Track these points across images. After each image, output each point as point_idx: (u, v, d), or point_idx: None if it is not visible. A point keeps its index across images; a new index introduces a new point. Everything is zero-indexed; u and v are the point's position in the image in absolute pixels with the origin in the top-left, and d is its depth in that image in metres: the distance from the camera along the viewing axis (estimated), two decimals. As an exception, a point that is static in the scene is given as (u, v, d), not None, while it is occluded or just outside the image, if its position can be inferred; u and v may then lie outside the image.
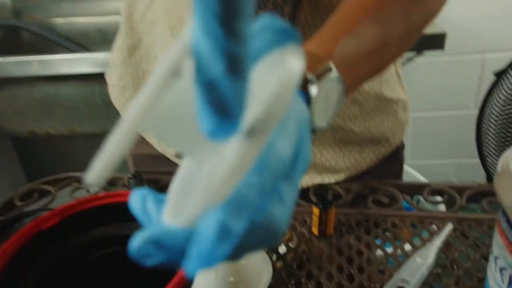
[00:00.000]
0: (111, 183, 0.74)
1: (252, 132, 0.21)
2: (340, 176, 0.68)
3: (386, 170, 0.71)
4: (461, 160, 1.91)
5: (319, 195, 0.68)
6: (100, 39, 1.56)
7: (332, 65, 0.37)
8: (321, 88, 0.35)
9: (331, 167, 0.67)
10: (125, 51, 0.68)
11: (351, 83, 0.41)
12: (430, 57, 1.62)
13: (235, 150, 0.21)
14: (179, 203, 0.24)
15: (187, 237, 0.21)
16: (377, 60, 0.46)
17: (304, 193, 0.68)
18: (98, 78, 1.28)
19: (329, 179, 0.67)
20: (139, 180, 0.68)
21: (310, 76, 0.35)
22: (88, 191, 0.72)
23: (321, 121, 0.36)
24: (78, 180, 0.75)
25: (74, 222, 0.43)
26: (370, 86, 0.64)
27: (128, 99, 0.70)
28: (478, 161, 1.65)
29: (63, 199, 0.70)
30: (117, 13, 1.48)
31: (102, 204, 0.44)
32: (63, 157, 1.55)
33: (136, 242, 0.22)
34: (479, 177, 1.85)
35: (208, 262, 0.20)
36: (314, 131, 0.35)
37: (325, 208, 0.59)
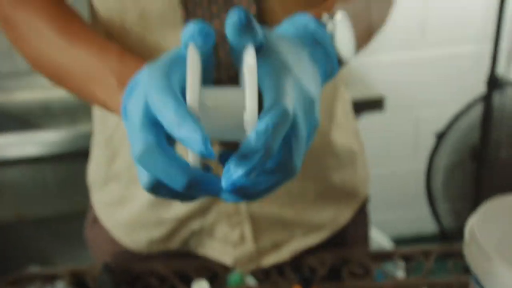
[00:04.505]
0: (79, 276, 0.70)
1: None
2: (324, 234, 0.70)
3: (359, 226, 0.75)
4: (404, 212, 2.01)
5: (296, 270, 0.69)
6: (44, 115, 1.50)
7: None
8: (337, 23, 0.43)
9: (314, 224, 0.69)
10: (104, 163, 0.68)
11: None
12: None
13: None
14: None
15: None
16: (365, 21, 0.54)
17: (280, 269, 0.69)
18: (48, 160, 1.23)
19: (313, 239, 0.70)
20: (111, 277, 0.65)
21: (325, 16, 0.44)
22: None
23: (345, 53, 0.44)
24: (42, 278, 0.70)
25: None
26: (343, 138, 0.68)
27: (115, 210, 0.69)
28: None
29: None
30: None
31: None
32: (13, 246, 1.44)
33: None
34: (423, 227, 1.95)
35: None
36: (340, 61, 0.44)
37: (308, 285, 0.60)
